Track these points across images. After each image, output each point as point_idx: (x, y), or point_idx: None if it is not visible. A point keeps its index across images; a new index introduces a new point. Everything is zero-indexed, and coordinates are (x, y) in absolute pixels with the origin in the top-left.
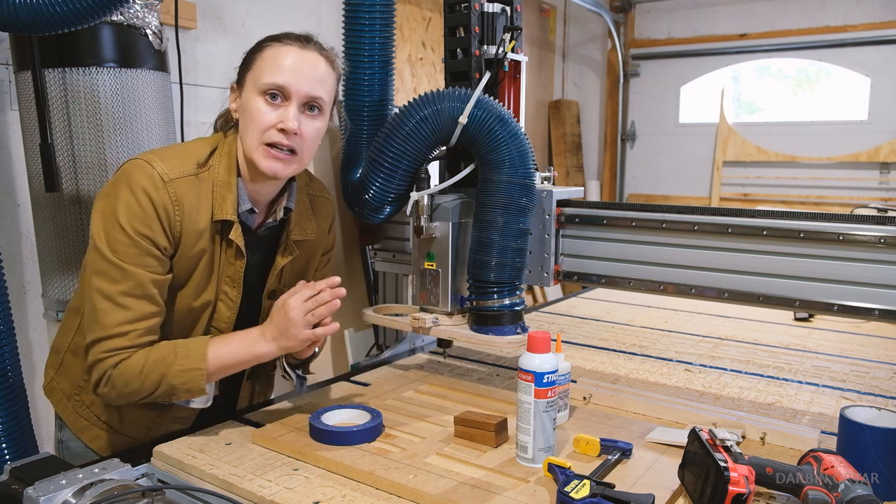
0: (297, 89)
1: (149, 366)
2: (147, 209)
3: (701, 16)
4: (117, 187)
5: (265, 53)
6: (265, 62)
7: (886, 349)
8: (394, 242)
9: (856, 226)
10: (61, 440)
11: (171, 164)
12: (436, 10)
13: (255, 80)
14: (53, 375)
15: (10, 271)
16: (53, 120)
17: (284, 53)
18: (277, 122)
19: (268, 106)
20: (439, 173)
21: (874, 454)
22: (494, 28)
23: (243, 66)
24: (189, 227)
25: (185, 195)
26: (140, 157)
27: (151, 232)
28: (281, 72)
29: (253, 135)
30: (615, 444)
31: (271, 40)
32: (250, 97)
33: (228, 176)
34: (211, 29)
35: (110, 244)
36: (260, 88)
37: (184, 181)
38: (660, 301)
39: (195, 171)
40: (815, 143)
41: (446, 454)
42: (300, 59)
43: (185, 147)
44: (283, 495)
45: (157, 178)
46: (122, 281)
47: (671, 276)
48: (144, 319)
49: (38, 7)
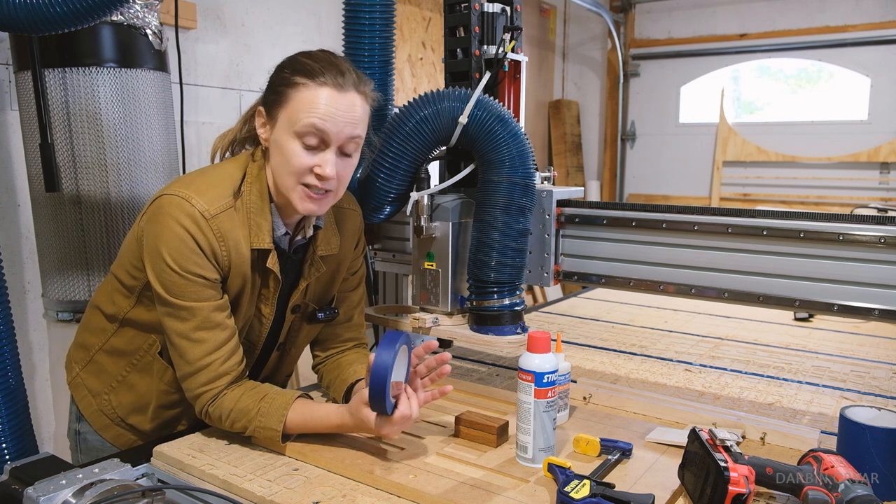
0: (335, 135)
1: (234, 414)
2: (193, 248)
3: (701, 16)
4: (157, 226)
5: (301, 95)
6: (301, 104)
7: (886, 349)
8: (394, 242)
9: (856, 226)
10: (79, 431)
11: (208, 199)
12: (436, 10)
13: (291, 121)
14: (79, 371)
15: (10, 271)
16: (53, 120)
17: (323, 98)
18: (315, 167)
19: (305, 150)
20: (439, 173)
21: (874, 454)
22: (494, 28)
23: (274, 97)
24: (235, 258)
25: (228, 230)
26: (175, 194)
27: (202, 269)
28: (319, 119)
29: (290, 176)
30: (615, 444)
31: (305, 76)
32: (285, 138)
33: (262, 203)
34: (211, 29)
35: (166, 287)
36: (297, 132)
37: (224, 215)
38: (660, 301)
39: (232, 202)
40: (815, 143)
41: (446, 454)
42: (338, 104)
43: (216, 175)
44: (283, 495)
45: (199, 217)
46: (189, 318)
47: (671, 276)
48: (221, 347)
49: (38, 7)
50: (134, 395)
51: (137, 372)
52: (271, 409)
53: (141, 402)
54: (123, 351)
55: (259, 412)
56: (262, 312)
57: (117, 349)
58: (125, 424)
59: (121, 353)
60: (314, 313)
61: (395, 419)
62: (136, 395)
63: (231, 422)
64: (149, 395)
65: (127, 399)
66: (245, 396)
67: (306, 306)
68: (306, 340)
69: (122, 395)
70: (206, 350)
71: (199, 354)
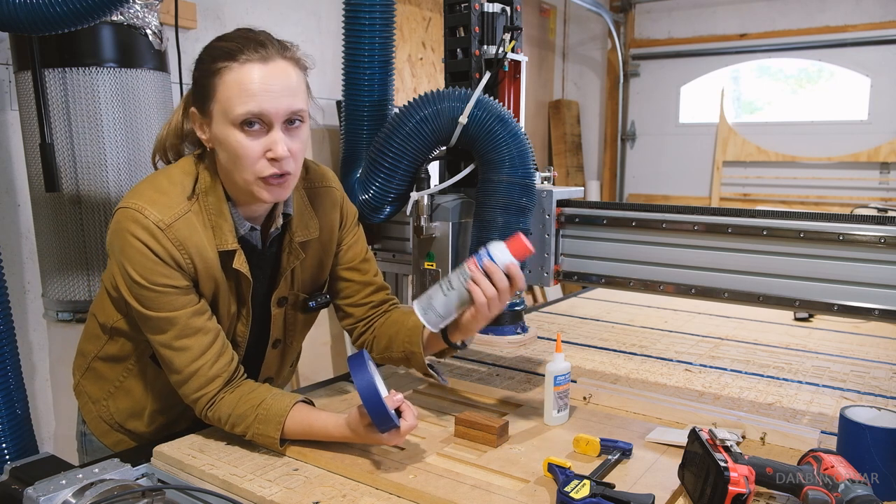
0: (275, 111)
1: (233, 418)
2: (156, 260)
3: (701, 16)
4: (118, 241)
5: (226, 78)
6: (229, 89)
7: (886, 349)
8: (394, 242)
9: (856, 226)
10: (84, 433)
11: (160, 207)
12: (436, 10)
13: (225, 111)
14: (80, 379)
15: (10, 271)
16: (53, 120)
17: (248, 75)
18: (265, 152)
19: (248, 137)
20: (439, 173)
21: (874, 454)
22: (494, 28)
23: (200, 93)
24: (200, 263)
25: (187, 237)
26: (128, 207)
27: (169, 279)
28: (252, 98)
29: (245, 170)
30: (615, 444)
31: (225, 58)
32: (225, 131)
33: (219, 203)
34: (211, 29)
35: (140, 301)
36: (234, 121)
37: (181, 222)
38: (660, 301)
39: (187, 206)
40: (815, 143)
41: (446, 454)
42: (268, 76)
43: (165, 181)
44: (283, 495)
45: (154, 228)
46: (169, 328)
47: (671, 276)
48: (206, 351)
49: (38, 7)
50: (131, 401)
51: (133, 377)
52: (268, 415)
53: (137, 406)
54: (118, 357)
55: (256, 419)
56: (240, 312)
57: (112, 356)
58: (124, 430)
59: (116, 359)
60: (305, 302)
61: (404, 430)
62: (132, 400)
63: (230, 426)
64: (144, 399)
65: (124, 405)
66: (242, 402)
67: (296, 297)
68: (306, 330)
69: (119, 400)
70: (192, 357)
71: (185, 362)
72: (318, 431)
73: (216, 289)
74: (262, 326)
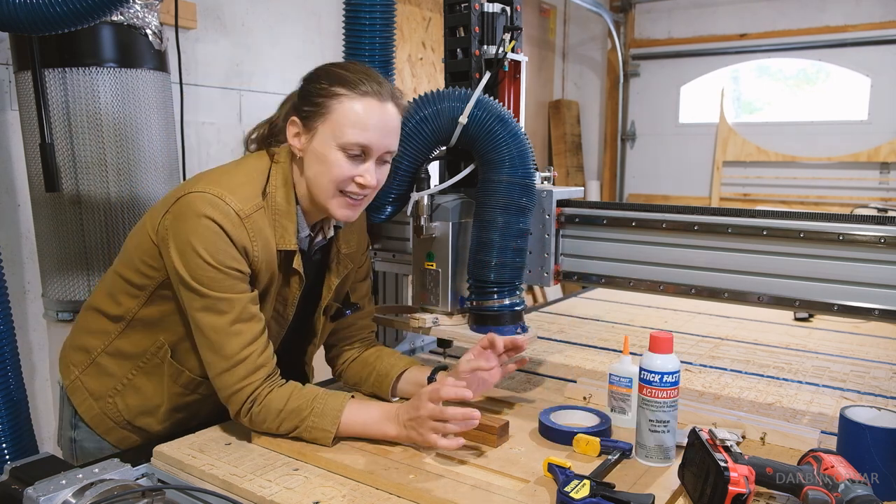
0: (377, 147)
1: (285, 413)
2: (228, 243)
3: (701, 16)
4: (188, 223)
5: (345, 106)
6: (346, 117)
7: (886, 349)
8: (394, 242)
9: (856, 226)
10: (74, 440)
11: (241, 197)
12: (436, 10)
13: (335, 133)
14: (78, 375)
15: (10, 271)
16: (53, 120)
17: (367, 111)
18: (356, 177)
19: (347, 160)
20: (439, 173)
21: (874, 454)
22: (494, 28)
23: (312, 108)
24: (264, 256)
25: (259, 230)
26: (206, 192)
27: (237, 263)
28: (364, 131)
29: (329, 185)
30: (615, 444)
31: (345, 86)
32: (328, 149)
33: (288, 206)
34: (211, 29)
35: (202, 282)
36: (342, 145)
37: (257, 215)
38: (660, 301)
39: (261, 202)
40: (815, 143)
41: (446, 454)
42: (382, 116)
43: (244, 172)
44: (283, 495)
45: (234, 216)
46: (228, 311)
47: (671, 276)
48: (257, 338)
49: (38, 7)
50: (141, 398)
51: (144, 374)
52: (326, 408)
53: (149, 404)
54: (129, 353)
55: (313, 412)
56: (280, 314)
57: (122, 351)
58: (132, 427)
59: (126, 355)
60: (339, 311)
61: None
62: (143, 397)
63: (280, 422)
64: (158, 397)
65: (134, 401)
66: (294, 397)
67: (331, 305)
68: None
69: (128, 397)
70: (244, 342)
71: (237, 347)
72: (370, 424)
73: (268, 285)
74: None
